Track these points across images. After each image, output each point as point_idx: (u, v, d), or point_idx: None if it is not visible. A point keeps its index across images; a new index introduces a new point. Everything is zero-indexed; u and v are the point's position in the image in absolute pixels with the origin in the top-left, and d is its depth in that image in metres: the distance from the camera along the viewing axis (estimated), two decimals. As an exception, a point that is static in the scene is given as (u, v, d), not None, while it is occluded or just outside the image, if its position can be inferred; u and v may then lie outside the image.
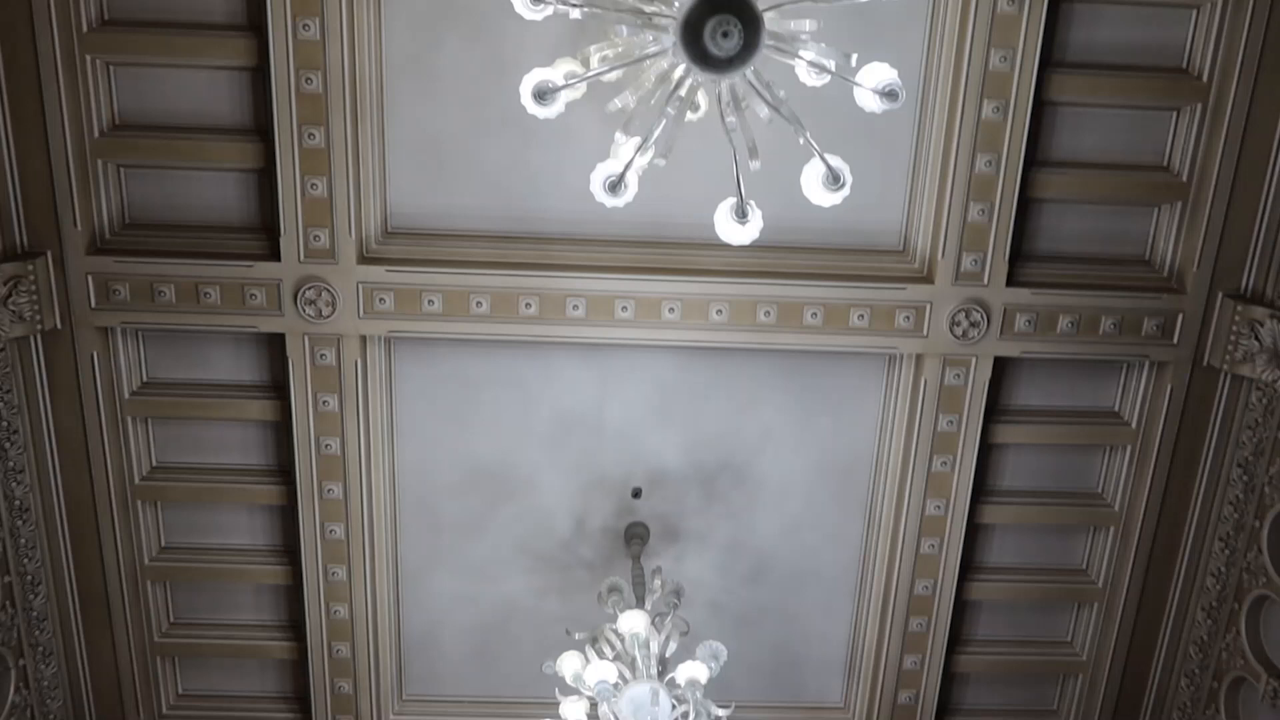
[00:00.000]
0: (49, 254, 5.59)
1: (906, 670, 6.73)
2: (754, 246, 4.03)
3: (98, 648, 6.61)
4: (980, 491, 6.41)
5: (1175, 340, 5.96)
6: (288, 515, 6.39)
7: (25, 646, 6.19)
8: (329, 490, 6.19)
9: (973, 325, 5.86)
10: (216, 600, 6.73)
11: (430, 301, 5.74)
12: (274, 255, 5.66)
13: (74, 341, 5.83)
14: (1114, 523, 6.53)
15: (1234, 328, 5.83)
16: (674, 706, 4.85)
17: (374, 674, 6.72)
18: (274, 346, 5.99)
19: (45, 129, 5.43)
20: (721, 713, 4.81)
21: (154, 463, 6.33)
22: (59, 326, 5.73)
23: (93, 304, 5.71)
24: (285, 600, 6.69)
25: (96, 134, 5.52)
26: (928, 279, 5.80)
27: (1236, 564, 6.22)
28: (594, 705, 4.94)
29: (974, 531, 6.50)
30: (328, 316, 5.74)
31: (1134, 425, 6.29)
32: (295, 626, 6.67)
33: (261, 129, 5.55)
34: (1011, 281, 5.82)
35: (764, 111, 3.46)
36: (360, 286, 5.70)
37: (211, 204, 5.73)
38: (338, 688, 6.70)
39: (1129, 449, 6.36)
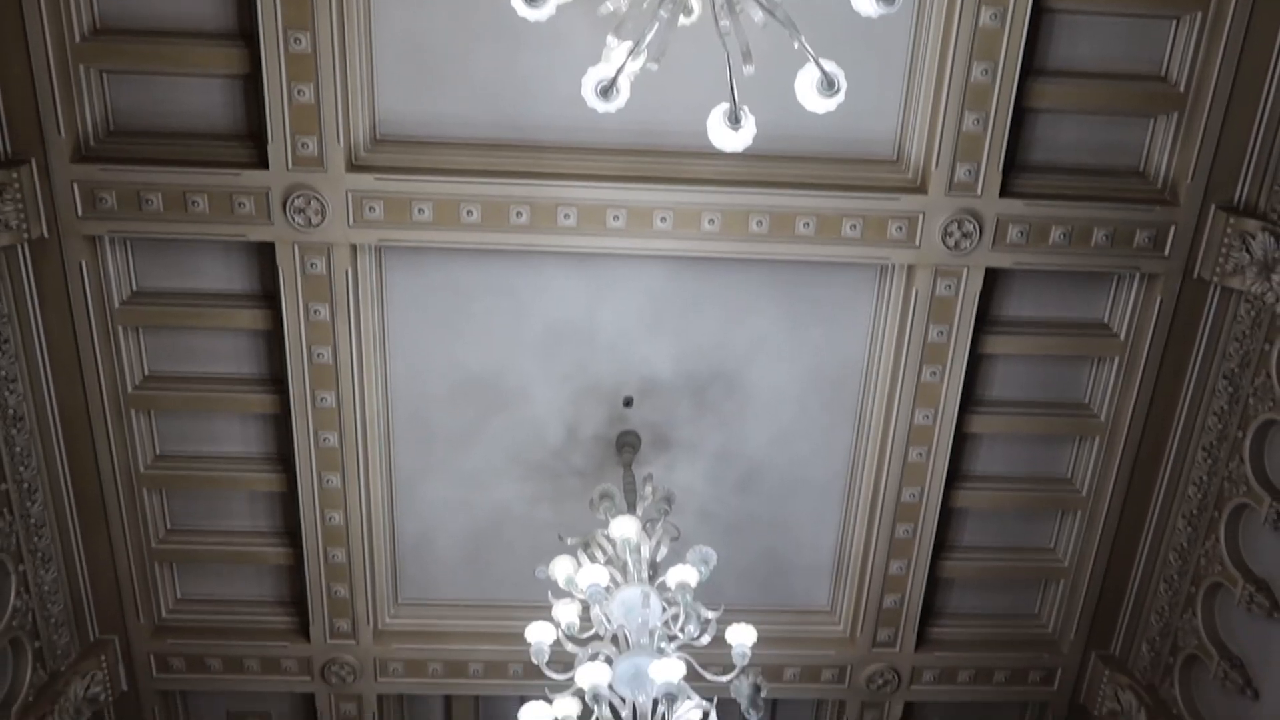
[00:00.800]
0: (33, 162, 5.51)
1: (892, 575, 6.87)
2: (746, 155, 4.00)
3: (96, 554, 6.69)
4: (968, 401, 6.47)
5: (1166, 252, 5.97)
6: (281, 424, 6.43)
7: (24, 552, 6.27)
8: (322, 399, 6.21)
9: (965, 236, 5.85)
10: (212, 507, 6.80)
11: (420, 210, 5.69)
12: (262, 163, 5.58)
13: (62, 251, 5.78)
14: (1099, 433, 6.61)
15: (1225, 240, 5.83)
16: (664, 609, 4.95)
17: (369, 579, 6.83)
18: (264, 255, 5.95)
19: (25, 33, 5.31)
20: (711, 615, 4.90)
21: (146, 372, 6.34)
22: (46, 235, 5.68)
23: (79, 212, 5.65)
24: (280, 507, 6.77)
25: (78, 38, 5.40)
26: (921, 189, 5.77)
27: (1218, 473, 6.32)
28: (586, 608, 5.03)
29: (961, 441, 6.58)
30: (317, 225, 5.69)
31: (1122, 337, 6.32)
32: (291, 533, 6.76)
33: (247, 33, 5.43)
34: (1005, 192, 5.79)
35: (758, 15, 3.40)
36: (349, 195, 5.65)
37: (198, 111, 5.64)
38: (334, 592, 6.82)
39: (1117, 360, 6.40)
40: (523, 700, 4.78)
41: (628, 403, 6.40)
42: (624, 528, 5.20)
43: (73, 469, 6.40)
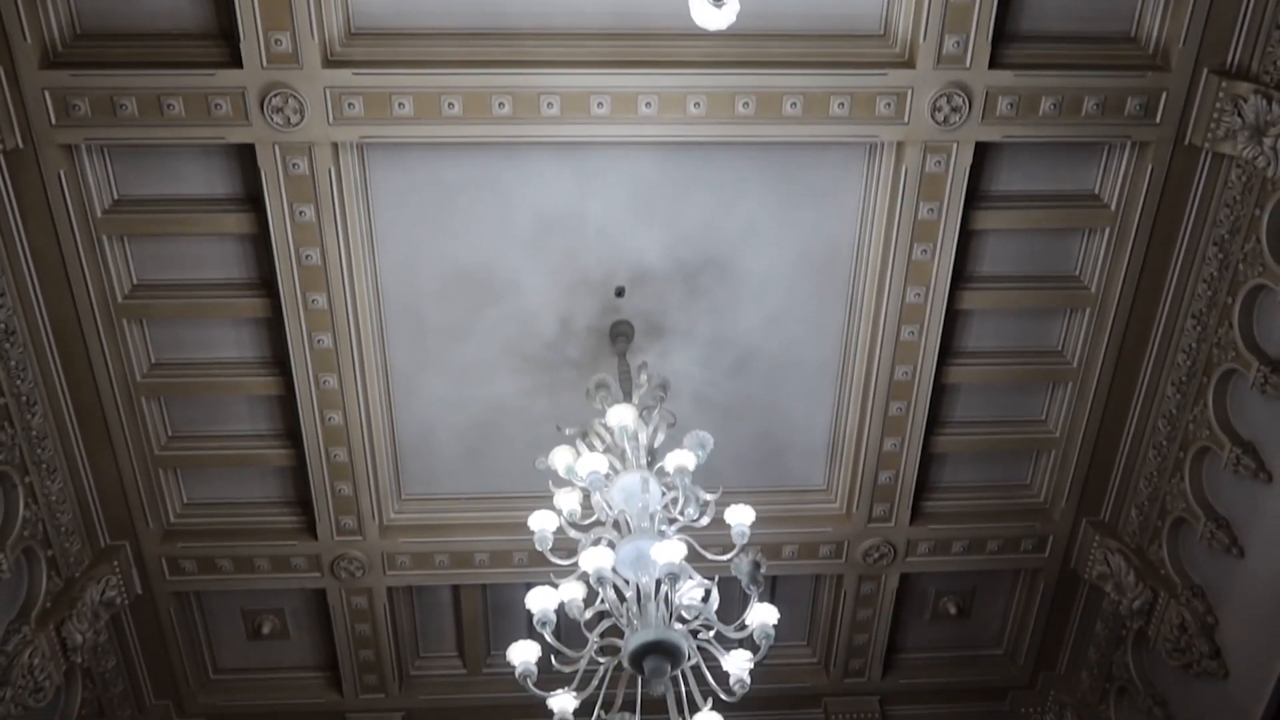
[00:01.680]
0: (1, 71, 5.37)
1: (886, 452, 6.97)
2: (730, 34, 3.92)
3: (100, 463, 6.76)
4: (959, 278, 6.47)
5: (1158, 119, 5.89)
6: (274, 327, 6.42)
7: (29, 464, 6.33)
8: (313, 300, 6.20)
9: (954, 110, 5.76)
10: (212, 413, 6.84)
11: (400, 104, 5.59)
12: (236, 62, 5.44)
13: (39, 161, 5.68)
14: (1090, 304, 6.63)
15: (1217, 105, 5.76)
16: (664, 493, 5.03)
17: (372, 476, 6.92)
18: (245, 158, 5.86)
19: (-25, -69, 5.14)
20: (709, 497, 4.99)
21: (134, 281, 6.31)
22: (21, 146, 5.57)
23: (53, 121, 5.53)
24: (279, 410, 6.82)
25: (33, -62, 5.22)
26: (909, 63, 5.65)
27: (1207, 340, 6.37)
28: (586, 496, 5.11)
29: (953, 317, 6.60)
30: (296, 124, 5.59)
31: (1113, 207, 6.29)
32: (291, 434, 6.82)
33: (208, -76, 5.26)
34: (994, 64, 5.67)
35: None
36: (327, 91, 5.53)
37: (165, 10, 5.46)
38: (338, 490, 6.91)
39: (1107, 231, 6.38)
40: (528, 587, 4.88)
41: (619, 292, 6.39)
42: (621, 416, 5.24)
43: (69, 380, 6.41)
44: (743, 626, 4.65)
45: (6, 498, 6.24)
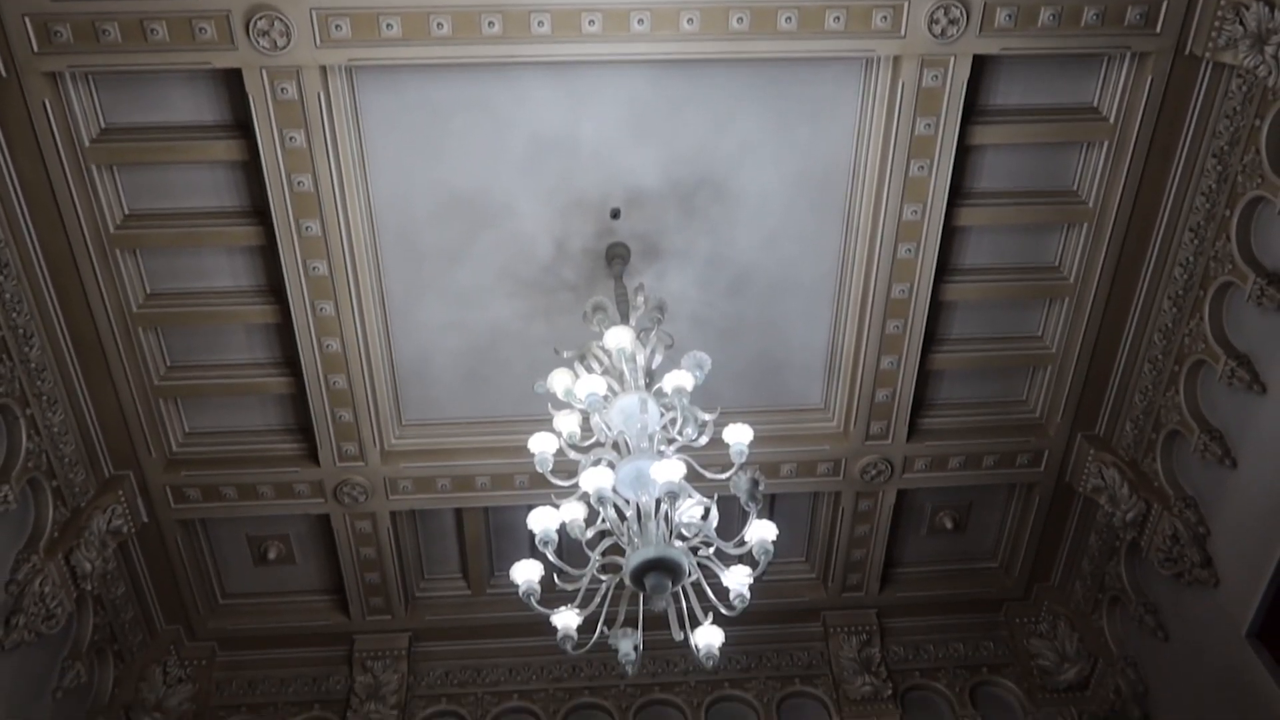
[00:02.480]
0: (-23, -1, 5.27)
1: (884, 370, 6.99)
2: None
3: (100, 394, 6.78)
4: (956, 194, 6.42)
5: (1158, 29, 5.80)
6: (269, 255, 6.39)
7: (29, 396, 6.36)
8: (307, 227, 6.16)
9: (951, 23, 5.66)
10: (210, 342, 6.85)
11: (388, 25, 5.48)
12: (218, -17, 5.34)
13: (23, 90, 5.59)
14: (1087, 219, 6.60)
15: (1219, 13, 5.66)
16: (662, 414, 5.06)
17: (372, 402, 6.95)
18: (232, 83, 5.77)
19: None
20: (707, 417, 5.01)
21: (126, 210, 6.26)
22: (4, 75, 5.49)
23: (35, 48, 5.43)
24: (277, 338, 6.82)
25: None
26: (906, -27, 5.54)
27: (1204, 253, 6.36)
28: (585, 418, 5.14)
29: (950, 234, 6.57)
30: (283, 48, 5.49)
31: (1111, 120, 6.23)
32: (290, 362, 6.83)
33: None
34: (993, -28, 5.58)
35: None
36: (313, 13, 5.42)
37: (143, -70, 5.35)
38: (338, 417, 6.95)
39: (1105, 144, 6.32)
40: (529, 509, 4.92)
41: (615, 214, 6.35)
42: (618, 338, 5.25)
43: (65, 312, 6.41)
44: (742, 543, 4.71)
45: (9, 430, 6.28)
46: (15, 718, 6.50)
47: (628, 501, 4.64)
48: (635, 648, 4.71)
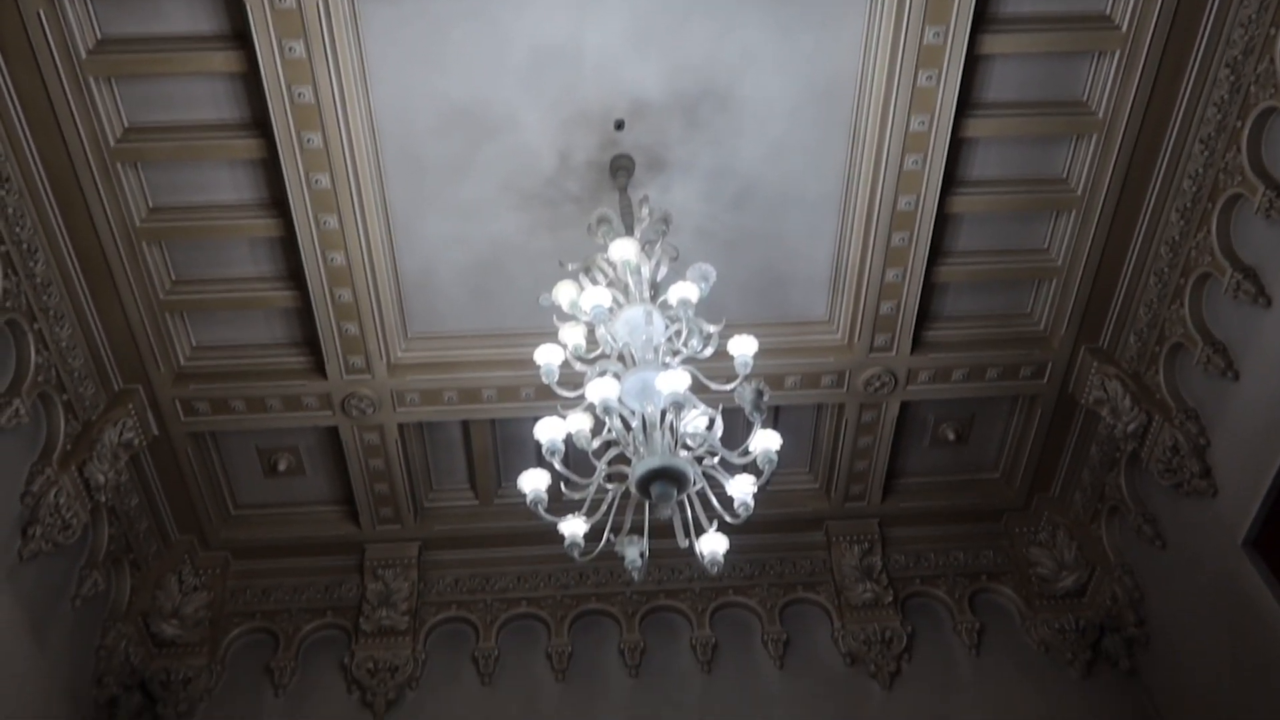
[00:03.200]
0: (-35, -94, 5.16)
1: (888, 283, 6.98)
2: None
3: (106, 309, 6.81)
4: (965, 105, 6.33)
5: (1174, -66, 5.68)
6: (271, 168, 6.35)
7: (36, 311, 6.39)
8: (308, 140, 6.10)
9: (963, -75, 5.53)
10: (214, 256, 6.84)
11: (387, -69, 5.37)
12: (209, -113, 5.23)
13: (16, 0, 5.52)
14: (1097, 130, 6.52)
15: (1234, -83, 5.54)
16: (667, 326, 5.08)
17: (377, 316, 6.96)
18: (229, -9, 5.69)
19: None
20: (712, 329, 5.04)
21: (126, 124, 6.20)
22: (-3, -15, 5.42)
23: (24, -45, 5.36)
24: (281, 252, 6.81)
25: None
26: (916, -128, 5.40)
27: (1214, 165, 6.30)
28: (591, 330, 5.17)
29: (957, 146, 6.50)
30: (279, -46, 5.39)
31: (1124, 29, 6.11)
32: (295, 276, 6.83)
33: None
34: None
35: None
36: (307, -83, 5.32)
37: None
38: (344, 330, 6.97)
39: (1117, 54, 6.21)
40: (536, 421, 4.99)
41: (619, 125, 6.28)
42: (623, 250, 5.24)
43: (69, 227, 6.40)
44: (746, 452, 4.77)
45: (17, 345, 6.32)
46: (37, 624, 6.68)
47: (633, 412, 4.70)
48: (641, 554, 4.81)
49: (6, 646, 6.38)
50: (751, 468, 4.82)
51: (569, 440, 4.82)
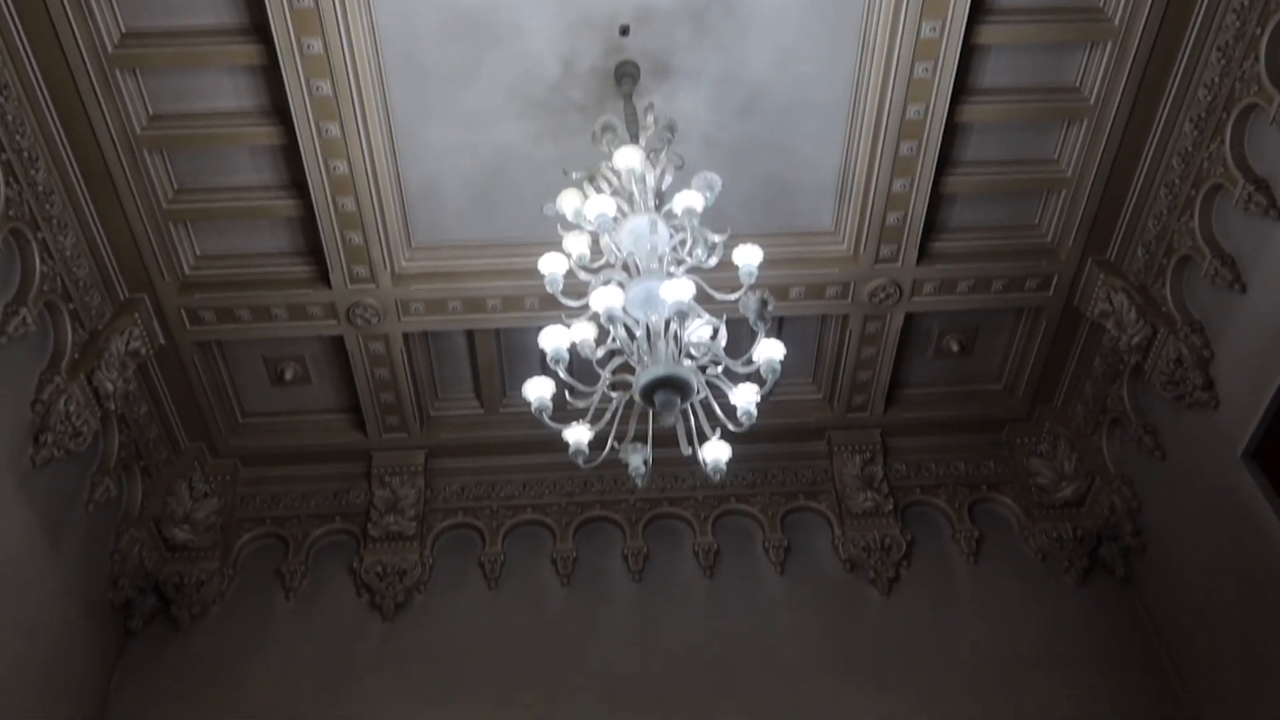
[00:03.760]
0: None
1: (896, 193, 6.91)
2: None
3: (110, 218, 6.78)
4: (977, 11, 6.17)
5: None
6: (271, 74, 6.26)
7: (39, 220, 6.37)
8: (309, 46, 5.99)
9: None
10: (216, 165, 6.79)
11: None
12: None
13: (7, -100, 5.41)
14: (1111, 37, 6.38)
15: None
16: (672, 235, 5.06)
17: (381, 225, 6.92)
18: (225, -110, 5.55)
19: None
20: (717, 239, 5.02)
21: (123, 29, 6.09)
22: (-14, -120, 5.28)
23: None
24: (283, 160, 6.75)
25: None
26: None
27: (1231, 73, 6.19)
28: (595, 240, 5.15)
29: (968, 53, 6.36)
30: None
31: (1145, -69, 5.97)
32: (298, 185, 6.78)
33: None
34: None
35: None
36: None
37: None
38: (348, 239, 6.94)
39: (1133, -42, 6.09)
40: (540, 330, 5.00)
41: (624, 31, 6.15)
42: (628, 158, 5.20)
43: (69, 135, 6.34)
44: (750, 362, 4.79)
45: (21, 253, 6.32)
46: (52, 528, 6.81)
47: (637, 321, 4.71)
48: (645, 462, 4.86)
49: (24, 549, 6.52)
50: (755, 377, 4.85)
51: (573, 349, 4.84)
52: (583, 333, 4.80)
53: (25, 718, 6.47)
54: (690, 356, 4.71)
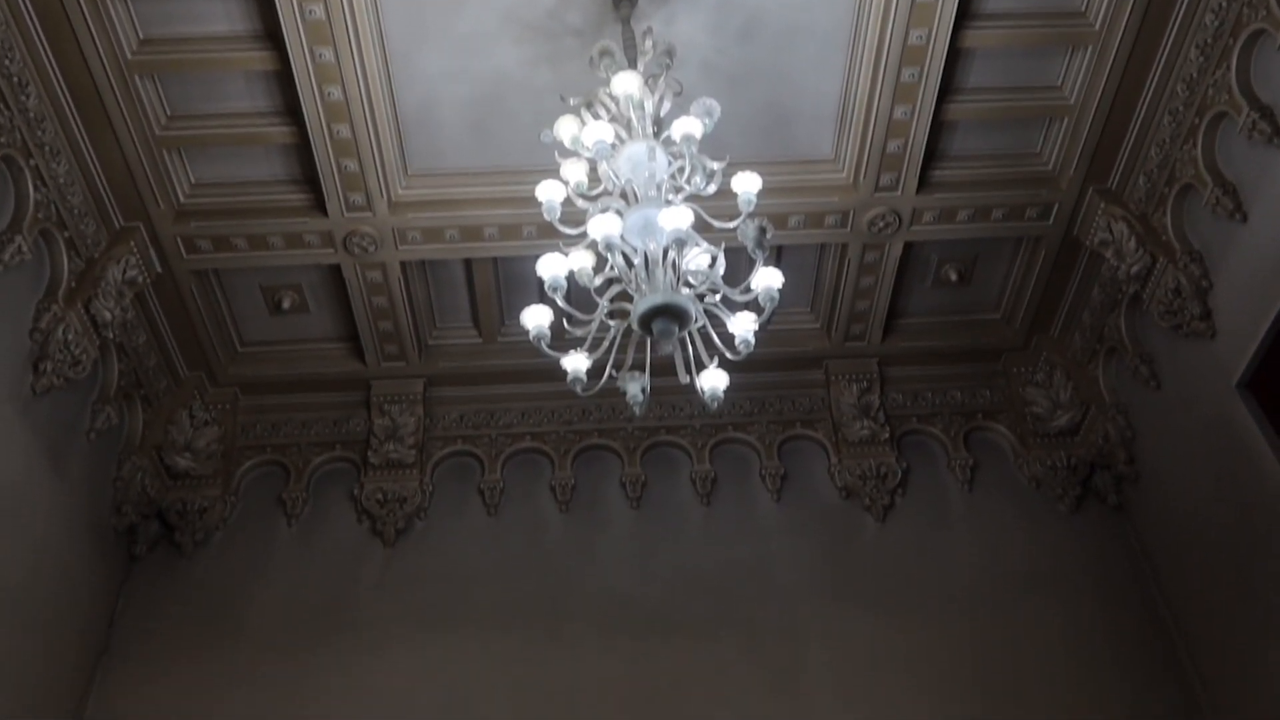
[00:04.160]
0: None
1: (896, 120, 6.83)
2: None
3: (103, 145, 6.71)
4: (983, -68, 6.10)
5: None
6: (263, -4, 6.17)
7: (31, 146, 6.31)
8: (301, -34, 5.90)
9: None
10: (208, 91, 6.70)
11: None
12: None
13: None
14: (1118, -40, 6.30)
15: None
16: (670, 162, 5.03)
17: (377, 152, 6.85)
18: None
19: None
20: (716, 166, 4.99)
21: (111, -52, 6.01)
22: None
23: None
24: (277, 86, 6.66)
25: None
26: None
27: (1238, -1, 6.11)
28: (593, 167, 5.11)
29: (972, -23, 6.29)
30: None
31: None
32: (292, 111, 6.70)
33: None
34: None
35: None
36: None
37: None
38: (344, 167, 6.88)
39: (1143, -120, 5.95)
40: (538, 259, 4.99)
41: (622, -48, 6.05)
42: (626, 84, 5.14)
43: (59, 60, 6.25)
44: (748, 290, 4.79)
45: (15, 181, 6.27)
46: (55, 456, 6.87)
47: (635, 249, 4.70)
48: (643, 390, 4.88)
49: (29, 475, 6.59)
50: (753, 305, 4.85)
51: (571, 277, 4.83)
52: (581, 261, 4.79)
53: (36, 636, 6.61)
54: (688, 284, 4.71)
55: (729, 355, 4.86)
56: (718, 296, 4.83)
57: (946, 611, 7.54)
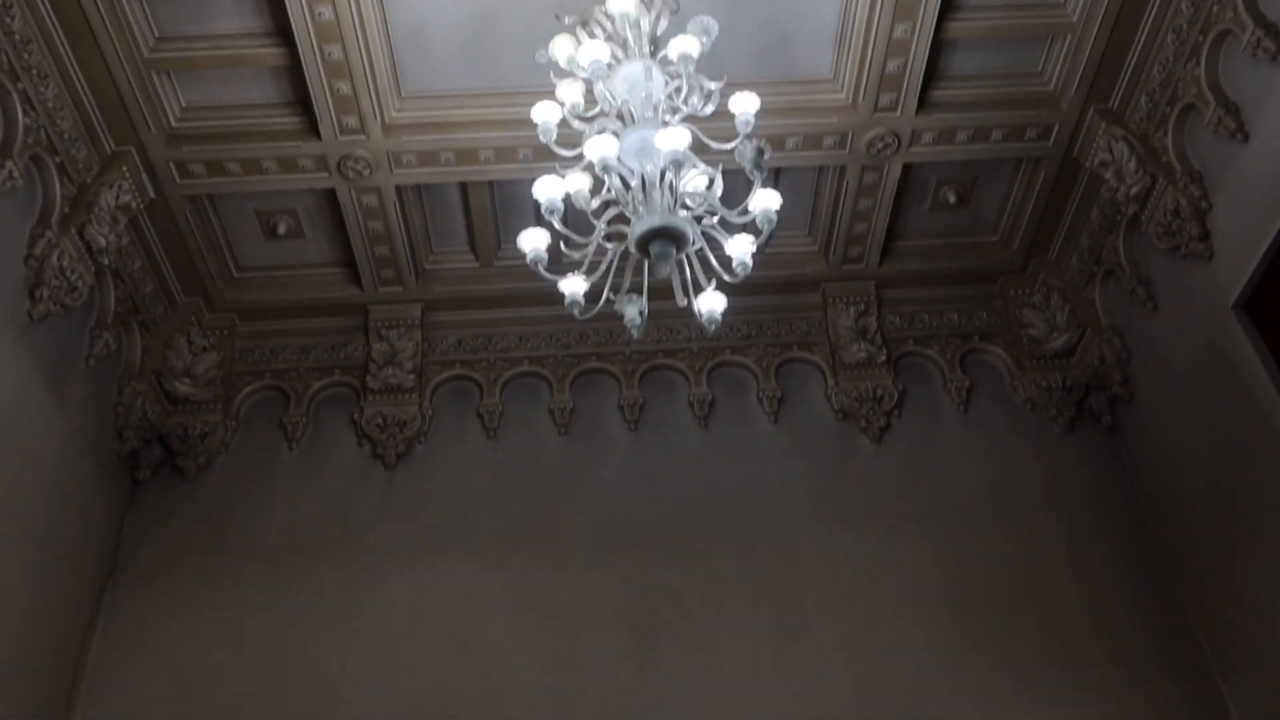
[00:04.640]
0: None
1: (896, 39, 6.71)
2: None
3: (91, 67, 6.61)
4: None
5: None
6: (250, -87, 6.03)
7: (18, 70, 6.21)
8: (289, -119, 5.76)
9: None
10: (197, 12, 6.57)
11: None
12: None
13: None
14: None
15: None
16: (667, 82, 4.97)
17: (370, 74, 6.75)
18: None
19: None
20: (713, 86, 4.94)
21: None
22: None
23: None
24: (266, 5, 6.54)
25: None
26: None
27: (1246, -89, 5.99)
28: (589, 88, 5.06)
29: (976, -112, 6.15)
30: None
31: None
32: (283, 32, 6.59)
33: None
34: None
35: None
36: None
37: None
38: (336, 89, 6.78)
39: None
40: (535, 182, 4.96)
41: None
42: (621, 2, 5.06)
43: (41, -21, 6.13)
44: (745, 212, 4.78)
45: (3, 105, 6.19)
46: (55, 382, 6.90)
47: (632, 171, 4.67)
48: (640, 313, 4.90)
49: (30, 399, 6.62)
50: (751, 227, 4.84)
51: (568, 200, 4.82)
52: (577, 183, 4.77)
53: (46, 557, 6.72)
54: (686, 206, 4.69)
55: (726, 278, 4.86)
56: (715, 218, 4.82)
57: (940, 530, 7.66)
